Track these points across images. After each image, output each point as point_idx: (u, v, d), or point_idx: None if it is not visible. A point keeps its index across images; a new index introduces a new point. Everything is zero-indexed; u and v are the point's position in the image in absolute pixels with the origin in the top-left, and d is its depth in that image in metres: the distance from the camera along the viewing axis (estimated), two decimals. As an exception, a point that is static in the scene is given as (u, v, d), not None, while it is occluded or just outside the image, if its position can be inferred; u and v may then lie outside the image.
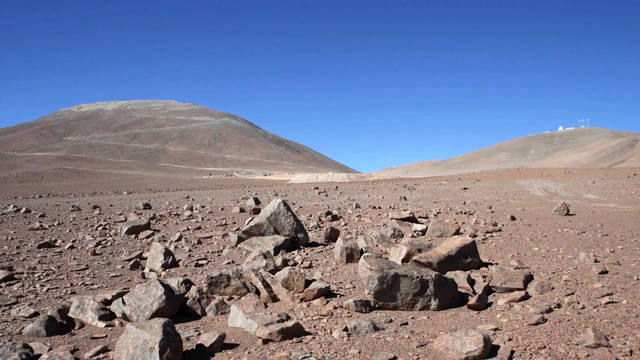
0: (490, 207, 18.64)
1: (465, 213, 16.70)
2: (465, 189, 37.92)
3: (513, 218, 14.39)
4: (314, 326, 5.02)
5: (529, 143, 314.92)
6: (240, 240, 10.59)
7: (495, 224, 12.71)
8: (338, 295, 6.18)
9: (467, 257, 7.30)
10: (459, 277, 6.29)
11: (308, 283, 6.28)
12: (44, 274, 8.42)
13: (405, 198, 26.23)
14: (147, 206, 23.28)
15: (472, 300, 5.48)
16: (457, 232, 10.95)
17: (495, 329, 4.69)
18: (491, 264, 7.62)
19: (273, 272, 7.27)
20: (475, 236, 10.67)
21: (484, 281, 6.40)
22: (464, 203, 22.15)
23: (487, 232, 11.38)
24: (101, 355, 4.47)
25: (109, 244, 11.72)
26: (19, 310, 5.96)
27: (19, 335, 5.14)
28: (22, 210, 22.16)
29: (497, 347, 4.23)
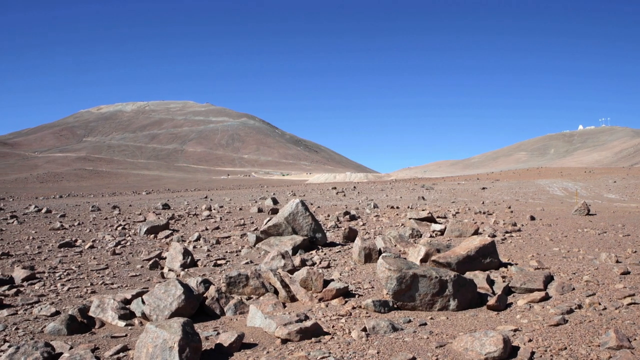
0: (510, 207, 18.49)
1: (484, 213, 16.59)
2: (484, 188, 37.69)
3: (532, 218, 14.27)
4: (333, 326, 5.02)
5: (549, 142, 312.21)
6: (258, 240, 10.62)
7: (515, 224, 12.61)
8: (356, 295, 6.17)
9: (486, 257, 7.25)
10: (478, 278, 6.25)
11: (326, 283, 6.28)
12: (65, 273, 8.50)
13: (423, 198, 26.13)
14: (165, 206, 23.42)
15: (492, 300, 5.44)
16: (476, 232, 10.89)
17: (515, 330, 4.65)
18: (511, 265, 7.56)
19: (291, 272, 7.28)
20: (494, 236, 10.59)
21: (504, 282, 6.35)
22: (483, 203, 22.01)
23: (507, 232, 11.29)
24: (121, 354, 4.51)
25: (128, 243, 11.81)
26: (41, 309, 6.03)
27: (40, 334, 5.20)
28: (43, 211, 22.42)
29: (517, 348, 4.20)
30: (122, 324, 5.51)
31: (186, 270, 8.49)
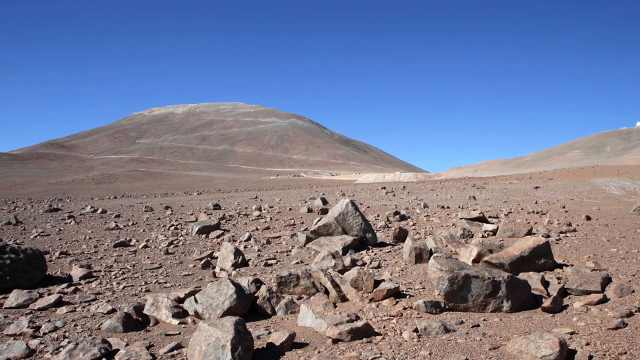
0: (564, 207, 18.05)
1: (537, 213, 16.24)
2: (537, 188, 36.91)
3: (588, 218, 13.88)
4: (384, 327, 4.99)
5: (604, 140, 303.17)
6: (308, 240, 10.65)
7: (570, 224, 12.29)
8: (407, 296, 6.12)
9: (540, 258, 7.09)
10: (532, 279, 6.12)
11: (377, 283, 6.25)
12: (120, 272, 8.71)
13: (474, 197, 25.75)
14: (216, 206, 23.71)
15: (547, 302, 5.32)
16: (530, 233, 10.66)
17: (572, 333, 4.53)
18: (566, 266, 7.38)
19: (342, 272, 7.27)
20: (548, 236, 10.36)
21: (559, 283, 6.21)
22: (536, 202, 21.54)
23: (561, 233, 11.03)
24: (175, 352, 4.58)
25: (180, 243, 12.01)
26: (98, 306, 6.19)
27: (97, 331, 5.33)
28: (99, 211, 23.02)
29: (574, 351, 4.09)
30: (175, 322, 5.61)
31: (237, 269, 8.58)
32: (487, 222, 12.61)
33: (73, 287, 7.36)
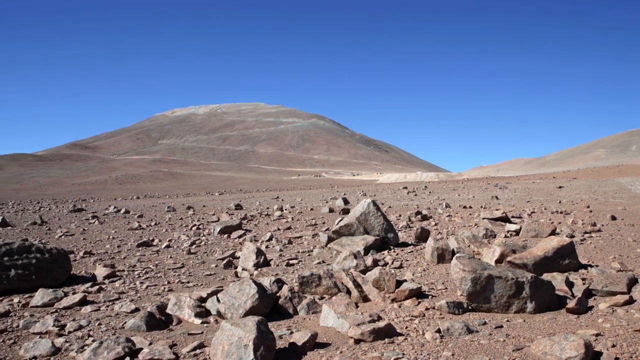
0: (588, 207, 17.83)
1: (561, 212, 16.07)
2: (560, 187, 36.50)
3: (614, 218, 13.69)
4: (406, 327, 4.97)
5: (630, 138, 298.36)
6: (330, 240, 10.64)
7: (594, 224, 12.13)
8: (430, 296, 6.10)
9: (564, 258, 7.02)
10: (557, 280, 6.05)
11: (399, 283, 6.23)
12: (143, 271, 8.78)
13: (496, 197, 25.55)
14: (238, 207, 23.81)
15: (571, 303, 5.26)
16: (553, 233, 10.55)
17: (597, 335, 4.48)
18: (591, 266, 7.29)
19: (363, 272, 7.26)
20: (572, 237, 10.25)
21: (584, 284, 6.13)
22: (560, 202, 21.30)
23: (586, 233, 10.89)
24: (198, 351, 4.61)
25: (203, 243, 12.07)
26: (121, 306, 6.25)
27: (121, 330, 5.38)
28: (122, 211, 23.25)
29: (600, 353, 4.04)
30: (198, 321, 5.64)
31: (259, 269, 8.61)
32: (510, 222, 12.52)
33: (97, 287, 7.44)
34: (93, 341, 4.91)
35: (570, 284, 6.04)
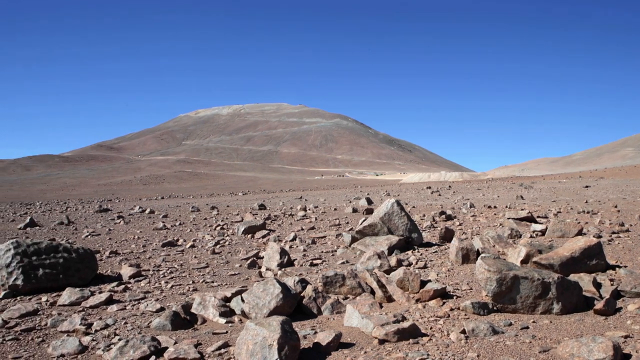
0: (616, 206, 17.54)
1: (587, 212, 15.84)
2: (587, 187, 36.01)
3: (642, 217, 13.47)
4: (430, 327, 4.95)
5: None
6: (354, 240, 10.63)
7: (622, 224, 11.94)
8: (454, 297, 6.06)
9: (591, 259, 6.92)
10: (584, 280, 5.97)
11: (423, 284, 6.20)
12: (168, 271, 8.85)
13: (522, 197, 25.28)
14: (262, 207, 23.87)
15: (599, 304, 5.18)
16: (580, 233, 10.41)
17: (626, 337, 4.41)
18: (619, 267, 7.18)
19: (387, 272, 7.24)
20: (600, 237, 10.09)
21: (612, 285, 6.04)
22: (586, 202, 21.00)
23: (613, 233, 10.72)
24: (222, 350, 4.63)
25: (227, 243, 12.13)
26: (147, 305, 6.31)
27: (147, 329, 5.43)
28: (147, 211, 23.45)
29: (629, 356, 3.98)
30: (222, 321, 5.67)
31: (283, 269, 8.63)
32: (536, 222, 12.38)
33: (123, 286, 7.52)
34: (119, 340, 4.97)
35: (597, 285, 5.95)
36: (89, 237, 14.25)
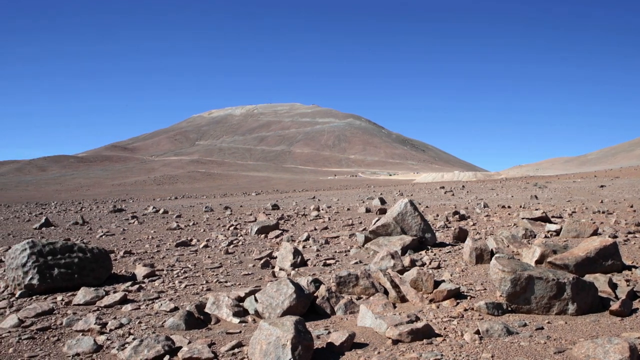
0: (632, 206, 17.38)
1: (603, 212, 15.71)
2: (602, 186, 35.72)
3: (658, 217, 13.34)
4: (444, 328, 4.93)
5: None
6: (367, 240, 10.61)
7: (639, 224, 11.83)
8: (468, 297, 6.03)
9: (607, 259, 6.87)
10: (599, 281, 5.92)
11: (437, 284, 6.18)
12: (182, 271, 8.89)
13: (536, 197, 25.12)
14: (275, 207, 23.88)
15: (615, 305, 5.14)
16: (595, 233, 10.33)
17: (642, 337, 4.37)
18: (635, 267, 7.11)
19: (401, 272, 7.22)
20: (615, 237, 10.01)
21: (628, 285, 5.99)
22: (602, 202, 20.83)
23: (629, 233, 10.63)
24: (236, 350, 4.64)
25: (240, 243, 12.16)
26: (161, 304, 6.35)
27: (161, 328, 5.46)
28: (161, 211, 23.54)
29: (645, 356, 3.94)
30: (236, 320, 5.69)
31: (296, 269, 8.64)
32: (550, 222, 12.30)
33: (137, 286, 7.57)
34: (134, 339, 5.00)
35: (613, 286, 5.91)
36: (104, 237, 14.34)
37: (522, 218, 12.82)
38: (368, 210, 19.71)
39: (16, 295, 7.15)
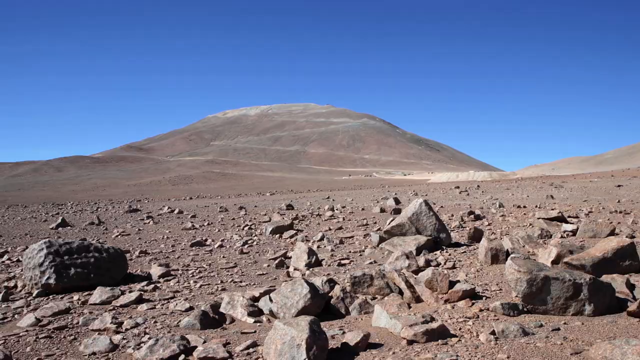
0: (649, 206, 17.24)
1: (620, 212, 15.57)
2: (619, 186, 35.38)
3: (676, 217, 13.19)
4: (460, 328, 4.91)
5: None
6: (381, 240, 10.60)
7: (656, 224, 11.73)
8: (484, 298, 6.00)
9: (624, 259, 6.80)
10: (617, 281, 5.86)
11: (452, 284, 6.15)
12: (197, 271, 8.93)
13: (552, 196, 24.95)
14: (289, 207, 23.91)
15: (633, 306, 5.08)
16: (612, 233, 10.24)
17: (660, 339, 4.32)
18: (653, 268, 7.04)
19: (416, 272, 7.20)
20: (633, 237, 9.91)
21: (645, 286, 5.93)
22: (619, 201, 20.63)
23: (647, 233, 10.54)
24: (251, 350, 4.65)
25: (255, 243, 12.19)
26: (176, 304, 6.38)
27: (176, 328, 5.49)
28: (176, 212, 23.67)
29: (663, 357, 3.89)
30: (250, 320, 5.70)
31: (311, 269, 8.64)
32: (567, 222, 12.21)
33: (152, 285, 7.61)
34: (149, 338, 5.02)
35: (631, 286, 5.84)
36: (119, 237, 14.45)
37: (538, 218, 12.74)
38: (382, 210, 19.68)
39: (33, 295, 7.22)
